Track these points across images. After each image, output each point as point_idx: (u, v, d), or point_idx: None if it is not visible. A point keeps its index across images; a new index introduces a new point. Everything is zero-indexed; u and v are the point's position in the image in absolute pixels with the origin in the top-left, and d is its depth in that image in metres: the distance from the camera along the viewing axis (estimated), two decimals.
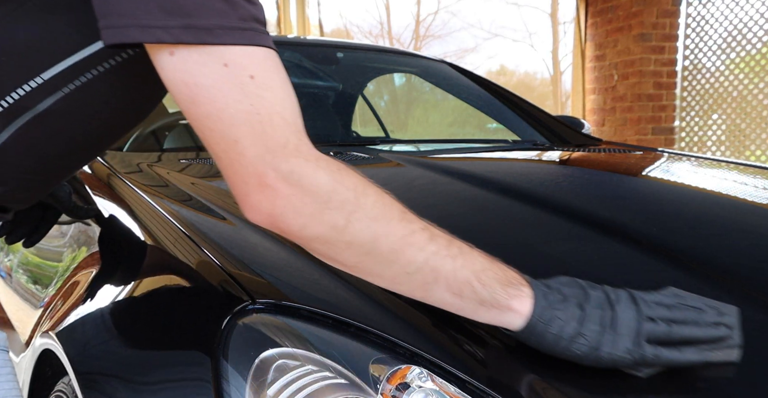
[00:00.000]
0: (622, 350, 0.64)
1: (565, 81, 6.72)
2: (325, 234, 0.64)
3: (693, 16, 4.96)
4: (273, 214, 0.63)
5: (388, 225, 0.65)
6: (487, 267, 0.67)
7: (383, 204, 0.66)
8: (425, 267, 0.65)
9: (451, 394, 0.65)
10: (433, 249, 0.65)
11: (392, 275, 0.66)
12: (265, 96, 0.62)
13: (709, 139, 4.97)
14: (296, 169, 0.62)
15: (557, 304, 0.66)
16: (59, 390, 0.96)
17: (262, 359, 0.68)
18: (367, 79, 2.51)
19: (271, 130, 0.61)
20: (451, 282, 0.65)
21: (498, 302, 0.65)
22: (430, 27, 7.45)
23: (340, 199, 0.63)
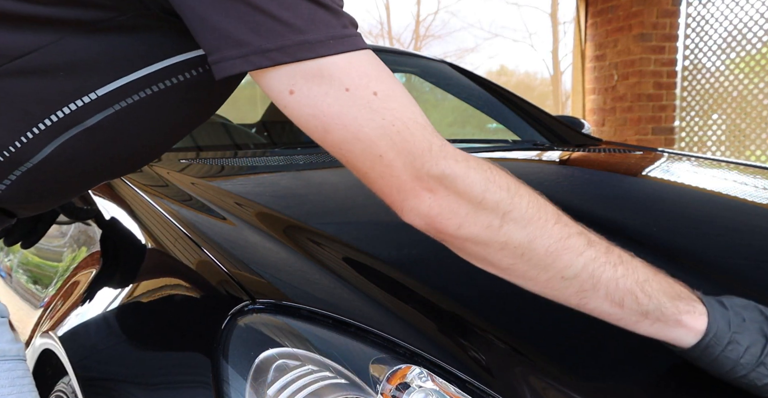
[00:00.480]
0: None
1: (565, 81, 6.73)
2: (480, 234, 0.63)
3: (693, 16, 4.96)
4: (430, 215, 0.63)
5: (544, 226, 0.63)
6: (651, 278, 0.64)
7: (538, 205, 0.64)
8: (583, 273, 0.63)
9: (451, 394, 0.65)
10: (592, 255, 0.63)
11: (547, 279, 0.64)
12: (393, 106, 0.62)
13: (709, 139, 4.97)
14: (447, 171, 0.62)
15: (737, 327, 0.63)
16: (59, 390, 0.96)
17: (262, 359, 0.68)
18: None
19: (411, 136, 0.61)
20: (611, 290, 0.63)
21: (665, 316, 0.63)
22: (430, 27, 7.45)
23: (494, 198, 0.63)
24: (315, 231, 0.98)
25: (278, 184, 1.29)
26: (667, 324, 0.63)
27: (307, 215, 0.99)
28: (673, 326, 0.63)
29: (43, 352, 1.00)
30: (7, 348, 0.76)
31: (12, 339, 0.78)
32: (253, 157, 1.58)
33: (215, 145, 1.82)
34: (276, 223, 1.01)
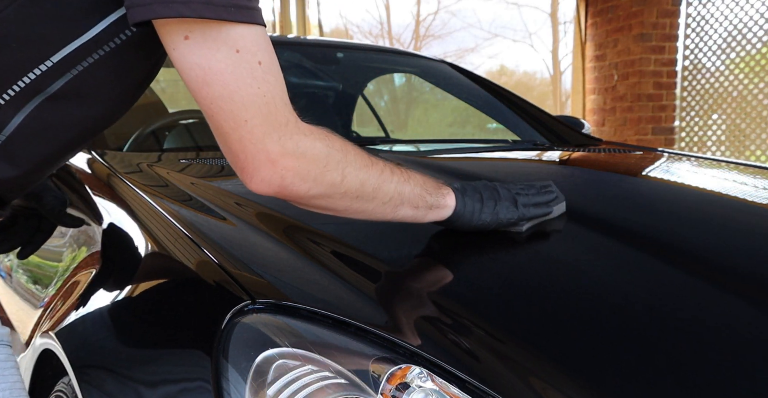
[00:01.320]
0: (511, 212, 0.93)
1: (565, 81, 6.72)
2: (327, 190, 0.76)
3: (693, 16, 4.96)
4: (282, 185, 0.73)
5: (368, 170, 0.79)
6: (425, 179, 0.86)
7: (360, 155, 0.79)
8: (395, 194, 0.82)
9: (451, 394, 0.65)
10: (395, 179, 0.82)
11: (373, 207, 0.81)
12: (270, 80, 0.69)
13: (709, 139, 4.97)
14: (300, 143, 0.72)
15: (468, 194, 0.90)
16: (59, 390, 0.96)
17: (262, 359, 0.68)
18: (367, 79, 2.51)
19: (275, 110, 0.70)
20: (412, 199, 0.84)
21: (439, 203, 0.87)
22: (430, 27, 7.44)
23: (334, 160, 0.75)
24: (315, 232, 0.98)
25: None
26: (441, 208, 0.88)
27: (307, 215, 0.99)
28: (444, 208, 0.88)
29: (43, 352, 1.00)
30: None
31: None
32: None
33: (215, 145, 1.82)
34: (276, 223, 1.01)
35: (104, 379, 0.82)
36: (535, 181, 1.03)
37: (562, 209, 1.03)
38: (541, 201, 0.98)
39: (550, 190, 1.01)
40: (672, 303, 0.82)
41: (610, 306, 0.81)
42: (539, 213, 0.97)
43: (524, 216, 0.95)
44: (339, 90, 2.29)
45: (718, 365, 0.71)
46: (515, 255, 0.95)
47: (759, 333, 0.76)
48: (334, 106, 2.26)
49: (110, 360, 0.85)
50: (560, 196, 1.03)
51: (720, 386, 0.69)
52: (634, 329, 0.76)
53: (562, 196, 1.04)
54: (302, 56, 2.20)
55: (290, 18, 4.97)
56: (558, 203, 1.02)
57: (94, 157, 1.44)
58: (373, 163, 0.80)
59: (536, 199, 0.97)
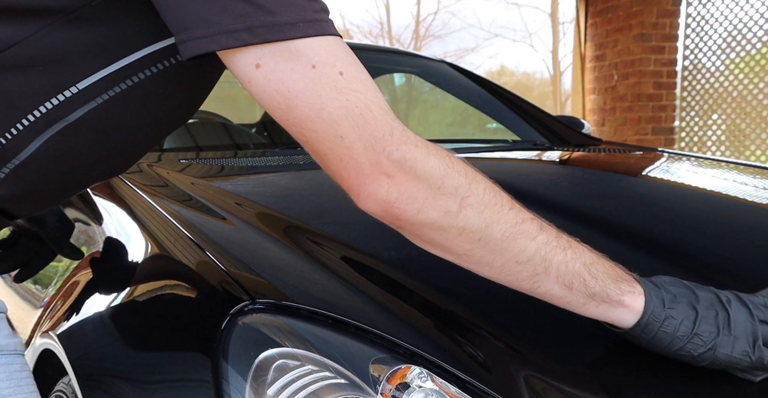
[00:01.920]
0: (739, 352, 0.64)
1: (565, 81, 6.73)
2: (439, 219, 0.64)
3: (693, 16, 4.96)
4: (388, 201, 0.63)
5: (500, 211, 0.64)
6: (596, 261, 0.67)
7: (494, 191, 0.65)
8: (536, 257, 0.65)
9: (451, 394, 0.65)
10: (544, 239, 0.65)
11: (502, 264, 0.66)
12: (358, 88, 0.62)
13: (709, 139, 4.97)
14: (408, 156, 0.62)
15: (671, 303, 0.65)
16: (59, 390, 0.96)
17: (262, 359, 0.68)
18: None
19: (373, 120, 0.62)
20: (561, 273, 0.65)
21: (609, 297, 0.65)
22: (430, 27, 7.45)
23: (452, 184, 0.63)
24: (315, 231, 0.98)
25: (278, 184, 1.29)
26: (611, 305, 0.66)
27: (307, 215, 0.99)
28: (617, 306, 0.66)
29: (43, 352, 1.00)
30: (5, 343, 0.76)
31: (9, 334, 0.78)
32: (253, 157, 1.58)
33: (215, 145, 1.82)
34: (276, 223, 1.01)
35: (104, 379, 0.82)
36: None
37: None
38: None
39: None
40: None
41: None
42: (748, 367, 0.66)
43: (763, 362, 0.66)
44: None
45: None
46: None
47: None
48: None
49: (110, 360, 0.85)
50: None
51: (720, 386, 0.69)
52: None
53: None
54: None
55: None
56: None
57: None
58: (512, 207, 0.65)
59: None
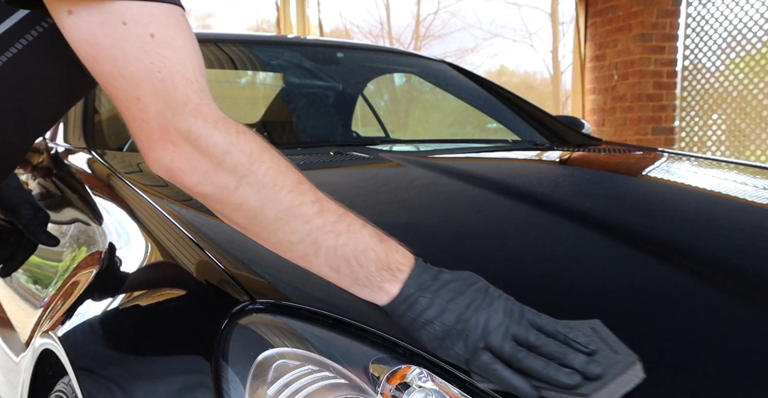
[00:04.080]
0: (459, 348, 0.65)
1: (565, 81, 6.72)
2: (217, 193, 0.67)
3: (693, 16, 4.96)
4: (171, 169, 0.67)
5: (277, 193, 0.67)
6: (372, 247, 0.68)
7: (277, 173, 0.67)
8: (307, 240, 0.68)
9: (451, 394, 0.65)
10: (319, 223, 0.67)
11: (277, 241, 0.69)
12: (166, 54, 0.64)
13: (709, 139, 4.97)
14: (193, 129, 0.65)
15: (426, 293, 0.67)
16: (59, 390, 0.96)
17: (262, 359, 0.68)
18: (367, 79, 2.51)
19: (173, 88, 0.64)
20: (330, 257, 0.68)
21: (371, 282, 0.68)
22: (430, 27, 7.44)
23: (233, 162, 0.66)
24: None
25: None
26: (372, 290, 0.69)
27: None
28: (377, 291, 0.69)
29: (43, 352, 1.00)
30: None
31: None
32: None
33: None
34: None
35: (104, 379, 0.82)
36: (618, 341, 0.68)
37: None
38: (535, 371, 0.63)
39: (588, 370, 0.63)
40: (672, 303, 0.82)
41: (610, 306, 0.81)
42: (509, 382, 0.63)
43: (477, 366, 0.64)
44: (339, 90, 2.29)
45: (718, 365, 0.71)
46: (515, 256, 0.95)
47: (759, 333, 0.76)
48: (334, 106, 2.26)
49: (110, 360, 0.85)
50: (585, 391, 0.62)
51: (720, 386, 0.69)
52: (633, 329, 0.76)
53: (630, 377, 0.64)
54: (302, 56, 2.20)
55: (290, 18, 4.97)
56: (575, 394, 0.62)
57: (94, 156, 1.44)
58: (292, 190, 0.67)
59: (531, 362, 0.63)
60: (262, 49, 2.18)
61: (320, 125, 2.11)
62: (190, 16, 5.74)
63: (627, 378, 0.63)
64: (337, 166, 1.46)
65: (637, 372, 0.64)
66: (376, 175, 1.39)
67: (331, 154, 1.57)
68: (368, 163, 1.49)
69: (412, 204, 1.15)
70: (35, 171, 1.58)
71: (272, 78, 2.64)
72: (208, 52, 2.04)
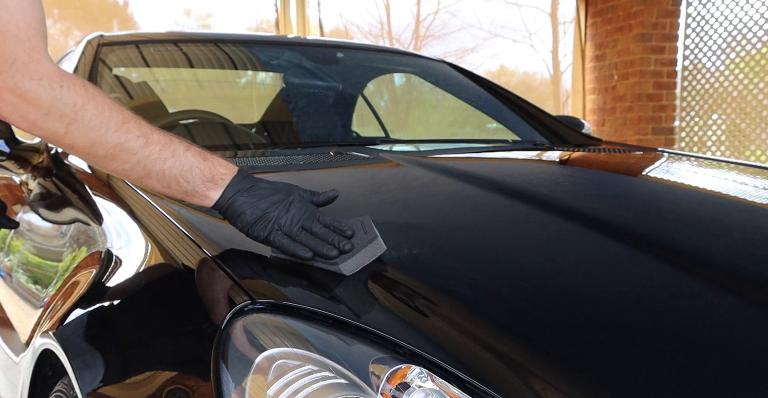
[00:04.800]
0: (261, 230, 0.86)
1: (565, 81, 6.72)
2: (50, 137, 0.81)
3: (693, 16, 4.96)
4: (3, 115, 0.78)
5: (104, 135, 0.82)
6: (196, 165, 0.87)
7: (101, 118, 0.81)
8: (138, 167, 0.85)
9: (451, 394, 0.65)
10: (145, 153, 0.84)
11: (113, 169, 0.86)
12: (0, 15, 0.73)
13: (709, 139, 4.97)
14: (19, 85, 0.76)
15: (243, 193, 0.87)
16: (59, 390, 0.96)
17: (262, 359, 0.68)
18: (367, 79, 2.51)
19: (2, 47, 0.74)
20: (161, 178, 0.86)
21: (198, 193, 0.88)
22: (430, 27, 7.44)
23: (58, 112, 0.79)
24: None
25: None
26: (200, 197, 0.88)
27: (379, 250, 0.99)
28: (203, 198, 0.88)
29: (43, 352, 1.00)
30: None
31: None
32: (253, 157, 1.58)
33: (215, 145, 1.82)
34: None
35: (104, 379, 0.82)
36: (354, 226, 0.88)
37: (351, 267, 0.84)
38: (309, 245, 0.84)
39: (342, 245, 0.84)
40: (672, 303, 0.82)
41: (610, 306, 0.81)
42: (289, 249, 0.85)
43: (268, 242, 0.86)
44: (339, 90, 2.29)
45: (718, 364, 0.71)
46: (515, 256, 0.95)
47: (758, 333, 0.76)
48: (334, 106, 2.26)
49: (110, 360, 0.85)
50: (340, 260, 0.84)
51: (720, 385, 0.69)
52: (633, 329, 0.76)
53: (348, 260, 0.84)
54: (302, 56, 2.20)
55: (290, 18, 4.97)
56: (333, 263, 0.84)
57: None
58: (117, 129, 0.82)
59: (308, 240, 0.85)
60: (262, 49, 2.18)
61: (320, 125, 2.11)
62: (190, 16, 5.74)
63: (370, 249, 0.86)
64: (337, 166, 1.46)
65: (379, 245, 0.86)
66: (376, 175, 1.39)
67: (331, 154, 1.57)
68: (368, 163, 1.49)
69: (412, 204, 1.15)
70: (35, 171, 1.58)
71: (272, 78, 2.64)
72: (208, 52, 2.04)
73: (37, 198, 1.51)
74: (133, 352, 0.83)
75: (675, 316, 0.79)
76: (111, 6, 5.72)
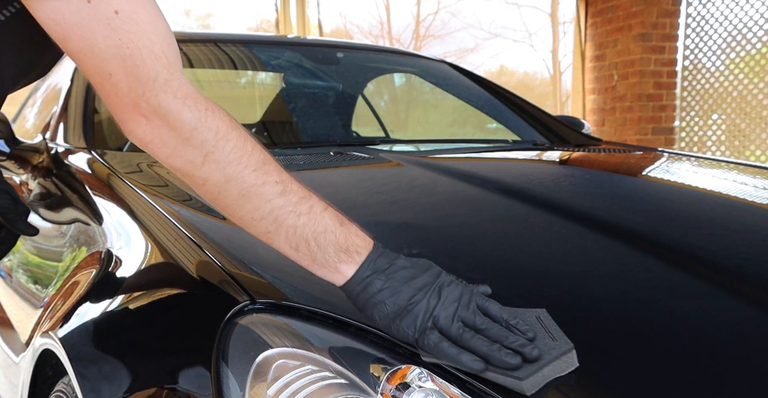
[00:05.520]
0: (409, 327, 0.68)
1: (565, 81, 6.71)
2: (184, 167, 0.71)
3: (693, 16, 4.96)
4: (144, 141, 0.70)
5: (241, 172, 0.71)
6: (331, 230, 0.72)
7: (243, 152, 0.71)
8: (269, 218, 0.72)
9: (452, 394, 0.65)
10: (281, 203, 0.71)
11: (241, 217, 0.73)
12: (132, 29, 0.67)
13: (709, 139, 4.97)
14: (163, 104, 0.68)
15: (381, 275, 0.71)
16: (59, 390, 0.96)
17: (262, 359, 0.68)
18: (367, 79, 2.51)
19: (141, 63, 0.67)
20: (290, 236, 0.72)
21: (328, 263, 0.72)
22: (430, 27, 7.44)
23: (200, 138, 0.69)
24: None
25: None
26: (329, 270, 0.72)
27: None
28: (334, 271, 0.72)
29: (43, 352, 1.00)
30: None
31: None
32: None
33: None
34: None
35: (104, 379, 0.82)
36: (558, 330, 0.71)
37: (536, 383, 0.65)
38: (478, 350, 0.66)
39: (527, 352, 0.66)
40: (672, 303, 0.82)
41: (611, 306, 0.81)
42: (454, 358, 0.66)
43: (423, 345, 0.67)
44: (339, 90, 2.29)
45: (718, 364, 0.71)
46: (515, 256, 0.95)
47: (759, 333, 0.76)
48: (334, 106, 2.26)
49: (110, 360, 0.85)
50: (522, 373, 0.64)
51: (720, 385, 0.69)
52: (634, 329, 0.76)
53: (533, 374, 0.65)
54: (302, 56, 2.20)
55: (290, 18, 4.97)
56: (512, 376, 0.64)
57: (94, 156, 1.44)
58: (256, 169, 0.71)
59: (475, 343, 0.67)
60: (262, 49, 2.18)
61: (320, 125, 2.11)
62: (190, 16, 5.73)
63: (561, 363, 0.66)
64: (338, 166, 1.46)
65: (572, 359, 0.67)
66: (376, 175, 1.39)
67: (332, 154, 1.57)
68: (368, 163, 1.49)
69: (412, 204, 1.15)
70: (35, 171, 1.58)
71: (272, 78, 2.64)
72: (208, 52, 2.04)
73: (37, 198, 1.51)
74: (133, 352, 0.83)
75: (675, 316, 0.79)
76: None
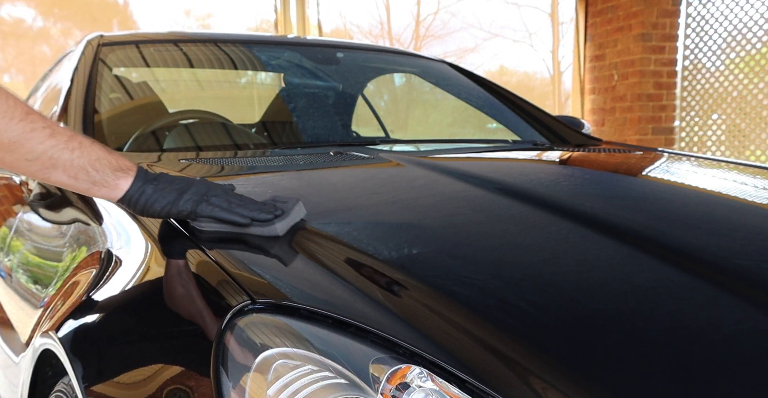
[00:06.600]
0: (187, 202, 0.91)
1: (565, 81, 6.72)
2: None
3: (693, 16, 4.96)
4: None
5: (8, 123, 0.83)
6: (104, 156, 0.90)
7: (5, 108, 0.83)
8: (43, 157, 0.86)
9: (451, 394, 0.65)
10: (53, 143, 0.86)
11: (12, 160, 0.86)
12: None
13: (709, 139, 4.97)
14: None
15: (152, 182, 0.92)
16: (59, 390, 0.96)
17: (262, 359, 0.68)
18: (367, 79, 2.51)
19: None
20: (68, 168, 0.87)
21: (108, 182, 0.90)
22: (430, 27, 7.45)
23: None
24: (315, 231, 0.97)
25: (278, 184, 1.29)
26: (110, 188, 0.91)
27: (307, 215, 0.99)
28: (113, 188, 0.91)
29: (43, 352, 1.00)
30: None
31: None
32: (253, 157, 1.58)
33: (215, 145, 1.82)
34: None
35: (104, 379, 0.82)
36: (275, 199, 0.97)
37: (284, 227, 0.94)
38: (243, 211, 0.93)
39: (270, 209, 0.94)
40: (672, 303, 0.82)
41: (611, 306, 0.81)
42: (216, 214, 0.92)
43: (192, 213, 0.92)
44: (339, 90, 2.29)
45: (718, 364, 0.71)
46: (515, 256, 0.95)
47: (759, 333, 0.76)
48: (334, 106, 2.26)
49: (110, 360, 0.85)
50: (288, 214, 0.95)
51: (720, 385, 0.69)
52: (634, 329, 0.76)
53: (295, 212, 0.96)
54: (302, 56, 2.20)
55: (290, 18, 4.97)
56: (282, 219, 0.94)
57: None
58: (22, 119, 0.84)
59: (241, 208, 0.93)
60: (262, 49, 2.18)
61: (320, 125, 2.11)
62: (190, 16, 5.74)
63: (297, 211, 0.96)
64: (338, 166, 1.46)
65: (301, 208, 0.97)
66: (376, 175, 1.39)
67: (332, 154, 1.57)
68: (368, 163, 1.49)
69: (412, 204, 1.15)
70: None
71: (272, 78, 2.64)
72: (208, 52, 2.04)
73: (37, 198, 1.51)
74: (133, 352, 0.83)
75: (675, 316, 0.79)
76: (111, 6, 5.72)
